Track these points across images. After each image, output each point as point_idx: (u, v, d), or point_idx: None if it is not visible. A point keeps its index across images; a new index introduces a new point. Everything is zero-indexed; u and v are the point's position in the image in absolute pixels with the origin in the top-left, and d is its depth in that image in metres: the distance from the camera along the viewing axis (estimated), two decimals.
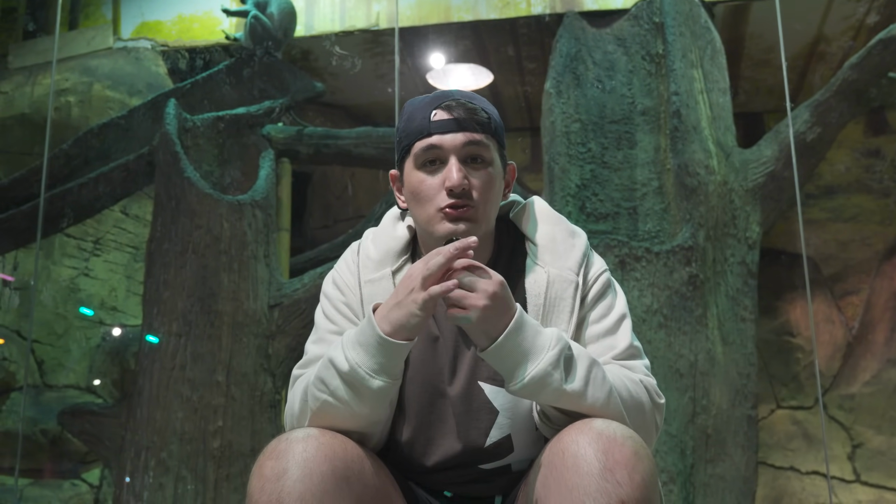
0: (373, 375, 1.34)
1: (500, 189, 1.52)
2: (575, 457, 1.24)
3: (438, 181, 1.45)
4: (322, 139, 4.99)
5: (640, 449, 1.25)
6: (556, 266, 1.50)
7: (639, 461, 1.23)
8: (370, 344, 1.34)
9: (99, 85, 5.31)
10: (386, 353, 1.33)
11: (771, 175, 4.40)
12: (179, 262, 4.21)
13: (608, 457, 1.22)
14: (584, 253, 1.54)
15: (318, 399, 1.39)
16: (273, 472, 1.24)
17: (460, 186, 1.42)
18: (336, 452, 1.28)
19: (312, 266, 4.72)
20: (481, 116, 1.47)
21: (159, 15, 5.44)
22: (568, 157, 4.42)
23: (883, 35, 4.24)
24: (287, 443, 1.27)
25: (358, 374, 1.34)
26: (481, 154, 1.46)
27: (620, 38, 4.61)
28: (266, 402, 4.20)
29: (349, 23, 5.14)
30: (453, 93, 1.50)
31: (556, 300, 1.48)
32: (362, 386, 1.34)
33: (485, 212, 1.46)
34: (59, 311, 5.27)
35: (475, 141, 1.45)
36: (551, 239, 1.54)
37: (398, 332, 1.33)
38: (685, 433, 3.99)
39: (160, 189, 4.40)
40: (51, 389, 5.19)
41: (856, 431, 5.40)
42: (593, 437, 1.25)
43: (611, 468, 1.21)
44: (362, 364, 1.34)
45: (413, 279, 1.33)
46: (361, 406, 1.37)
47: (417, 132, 1.47)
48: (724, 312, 4.23)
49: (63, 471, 5.17)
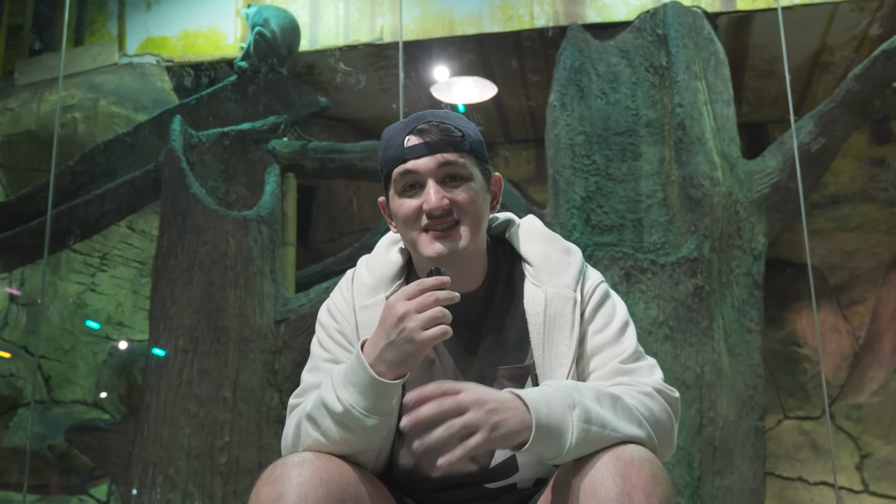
0: (367, 415, 1.34)
1: (486, 202, 1.53)
2: (592, 480, 1.24)
3: (418, 203, 1.47)
4: (327, 153, 5.00)
5: (658, 472, 1.25)
6: (552, 285, 1.52)
7: (656, 484, 1.23)
8: (363, 385, 1.34)
9: (105, 101, 5.33)
10: (379, 393, 1.34)
11: (776, 186, 4.40)
12: (186, 278, 4.22)
13: (626, 480, 1.22)
14: (579, 269, 1.55)
15: (311, 436, 1.41)
16: (269, 497, 1.25)
17: (439, 209, 1.44)
18: (332, 476, 1.28)
19: (318, 280, 4.73)
20: (454, 135, 1.47)
21: (164, 31, 5.47)
22: (573, 169, 4.42)
23: (887, 46, 4.24)
24: (283, 468, 1.28)
25: (352, 414, 1.34)
26: (458, 172, 1.48)
27: (624, 50, 4.62)
28: (273, 418, 4.20)
29: (353, 37, 5.15)
30: (426, 115, 1.51)
31: (555, 318, 1.49)
32: (357, 426, 1.35)
33: (471, 227, 1.47)
34: (66, 326, 5.28)
35: (449, 161, 1.46)
36: (546, 258, 1.55)
37: (394, 371, 1.33)
38: (692, 445, 3.99)
39: (166, 205, 4.42)
40: (58, 405, 5.20)
41: (863, 441, 5.38)
42: (611, 461, 1.25)
43: (628, 492, 1.22)
44: (356, 405, 1.34)
45: (403, 318, 1.31)
46: (354, 443, 1.38)
47: (393, 160, 1.48)
48: (730, 324, 4.23)
49: (71, 486, 5.18)
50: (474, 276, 1.54)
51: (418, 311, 1.31)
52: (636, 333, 1.53)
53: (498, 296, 1.56)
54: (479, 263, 1.55)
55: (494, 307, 1.55)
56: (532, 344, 1.50)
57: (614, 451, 1.26)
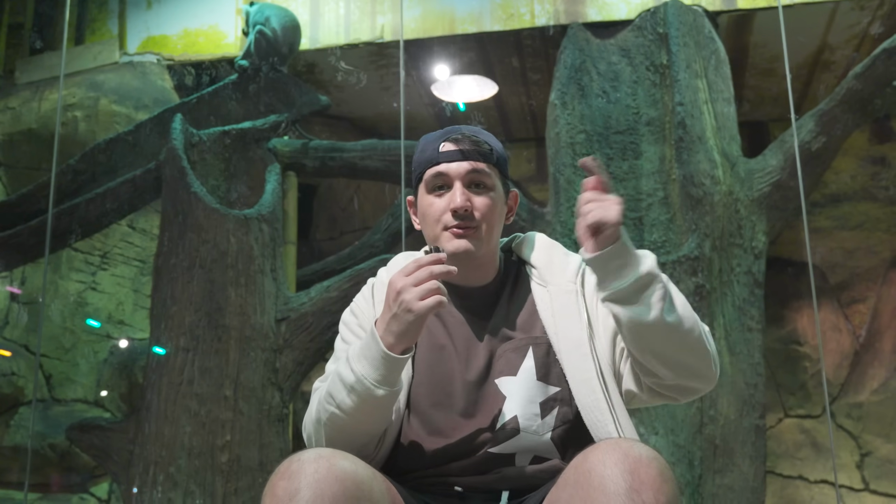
0: (377, 385, 1.47)
1: (502, 213, 1.69)
2: (602, 477, 1.27)
3: (445, 203, 1.63)
4: (328, 152, 5.00)
5: (665, 470, 1.28)
6: (555, 283, 1.65)
7: (664, 482, 1.26)
8: (375, 357, 1.48)
9: (105, 100, 5.33)
10: (389, 365, 1.47)
11: (776, 184, 4.40)
12: (187, 276, 4.22)
13: (634, 477, 1.25)
14: (579, 265, 1.68)
15: (328, 411, 1.53)
16: (285, 492, 1.27)
17: (463, 207, 1.60)
18: (347, 473, 1.30)
19: (319, 279, 4.73)
20: (484, 148, 1.64)
21: (165, 29, 5.47)
22: (573, 168, 4.43)
23: (887, 44, 4.24)
24: (299, 463, 1.30)
25: (364, 384, 1.47)
26: (483, 181, 1.64)
27: (625, 49, 4.62)
28: (274, 416, 4.20)
29: (354, 36, 5.16)
30: (462, 128, 1.68)
31: (562, 310, 1.62)
32: (368, 395, 1.48)
33: (487, 231, 1.63)
34: (66, 325, 5.28)
35: (477, 169, 1.63)
36: (549, 261, 1.70)
37: (401, 343, 1.47)
38: (693, 444, 3.99)
39: (167, 204, 4.42)
40: (59, 404, 5.21)
41: (864, 440, 5.38)
42: (620, 458, 1.28)
43: (637, 488, 1.24)
44: (368, 376, 1.47)
45: (400, 292, 1.46)
46: (365, 415, 1.51)
47: (428, 161, 1.66)
48: (731, 322, 4.23)
49: (72, 485, 5.18)
50: (486, 275, 1.69)
51: (415, 284, 1.45)
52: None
53: (507, 291, 1.69)
54: (491, 265, 1.69)
55: (503, 300, 1.68)
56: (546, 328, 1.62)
57: (623, 448, 1.29)
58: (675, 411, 3.99)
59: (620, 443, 1.31)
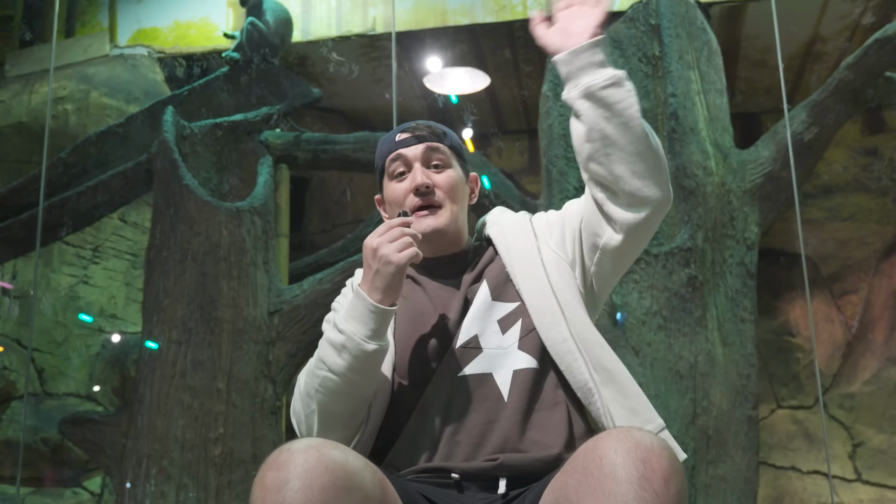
0: (367, 340, 1.53)
1: (464, 191, 1.79)
2: (613, 464, 1.27)
3: (407, 184, 1.72)
4: (320, 144, 4.99)
5: (675, 461, 1.30)
6: (508, 225, 1.77)
7: (674, 473, 1.27)
8: (363, 314, 1.55)
9: (96, 92, 5.31)
10: (377, 317, 1.54)
11: (769, 175, 4.40)
12: (179, 269, 4.21)
13: (646, 466, 1.26)
14: (531, 213, 1.82)
15: (318, 377, 1.58)
16: (275, 482, 1.26)
17: (423, 184, 1.69)
18: (337, 463, 1.29)
19: (312, 271, 4.72)
20: (437, 130, 1.76)
21: (156, 22, 5.45)
22: (566, 159, 4.42)
23: (879, 35, 4.24)
24: (289, 454, 1.29)
25: (354, 340, 1.54)
26: (440, 158, 1.74)
27: (617, 41, 4.61)
28: (267, 409, 4.20)
29: (346, 28, 5.15)
30: (416, 121, 1.80)
31: (515, 238, 1.72)
32: (359, 351, 1.54)
33: (450, 206, 1.72)
34: (58, 319, 5.27)
35: (433, 147, 1.74)
36: (503, 216, 1.82)
37: (386, 296, 1.55)
38: (686, 434, 4.00)
39: (159, 196, 4.40)
40: (51, 398, 5.20)
41: (856, 430, 5.40)
42: (631, 446, 1.28)
43: (648, 477, 1.25)
44: (357, 333, 1.54)
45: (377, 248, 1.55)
46: (356, 373, 1.55)
47: (387, 152, 1.77)
48: (724, 313, 4.24)
49: (64, 479, 5.17)
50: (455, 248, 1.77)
51: (390, 240, 1.55)
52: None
53: (476, 255, 1.78)
54: (460, 240, 1.78)
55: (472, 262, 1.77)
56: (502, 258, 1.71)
57: (634, 437, 1.30)
58: (668, 402, 4.00)
59: (632, 431, 1.31)
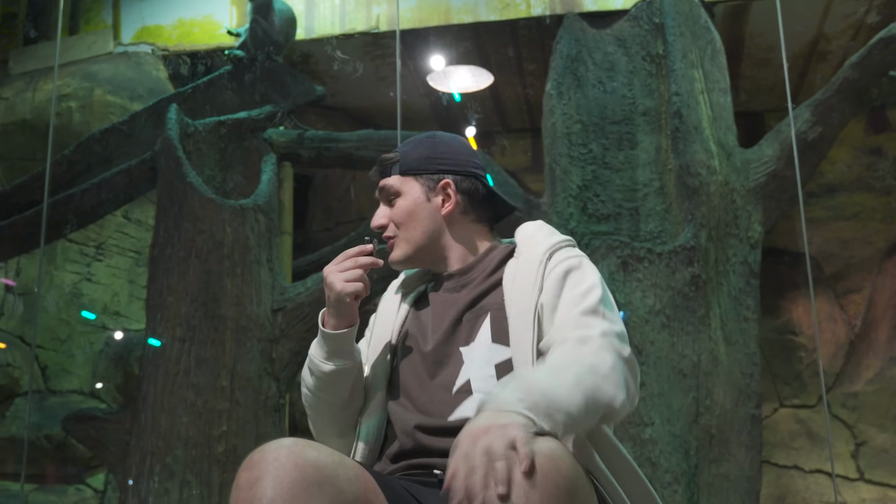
0: (323, 361, 1.70)
1: (425, 210, 1.77)
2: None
3: None
4: (323, 142, 4.99)
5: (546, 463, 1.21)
6: (526, 254, 1.70)
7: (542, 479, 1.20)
8: (320, 337, 1.71)
9: (100, 90, 5.31)
10: (328, 342, 1.69)
11: (772, 174, 4.40)
12: (182, 266, 4.22)
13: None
14: (558, 242, 1.70)
15: (302, 393, 1.80)
16: (247, 481, 1.32)
17: (374, 226, 1.81)
18: (307, 460, 1.33)
19: (315, 269, 4.73)
20: (384, 164, 1.80)
21: (159, 19, 5.45)
22: (569, 158, 4.42)
23: (883, 34, 4.24)
24: (261, 453, 1.35)
25: (314, 362, 1.72)
26: (390, 192, 1.79)
27: (621, 39, 4.61)
28: (270, 407, 4.20)
29: (349, 26, 5.14)
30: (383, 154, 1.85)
31: (522, 278, 1.65)
32: (319, 372, 1.71)
33: (405, 234, 1.77)
34: (62, 316, 5.28)
35: (381, 187, 1.80)
36: (530, 236, 1.76)
37: (334, 320, 1.69)
38: (689, 433, 4.00)
39: (162, 194, 4.41)
40: (55, 395, 5.20)
41: (859, 430, 5.40)
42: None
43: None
44: (315, 355, 1.72)
45: (327, 276, 1.68)
46: (324, 391, 1.72)
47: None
48: (727, 312, 4.23)
49: (68, 476, 5.18)
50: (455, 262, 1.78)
51: (340, 270, 1.68)
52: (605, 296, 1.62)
53: (485, 271, 1.75)
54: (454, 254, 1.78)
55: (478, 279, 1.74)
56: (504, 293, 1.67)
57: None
58: (671, 401, 4.00)
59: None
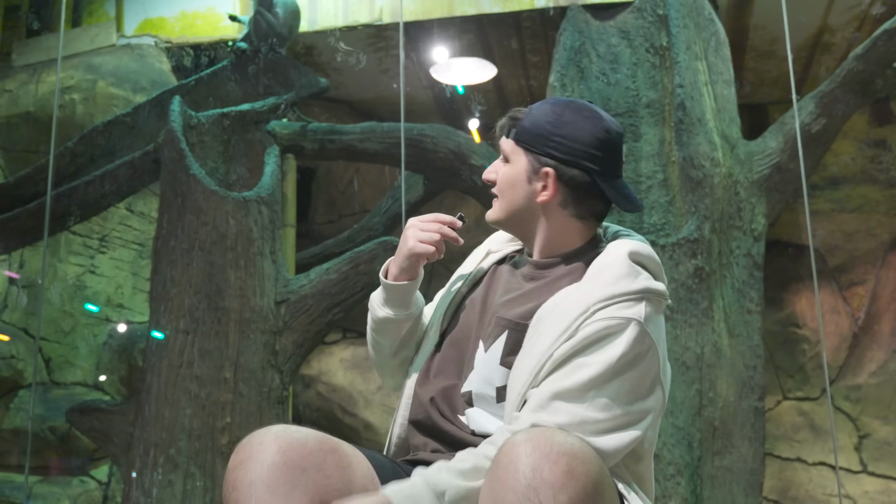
0: (378, 306, 1.74)
1: (522, 186, 1.62)
2: (506, 469, 1.23)
3: None
4: (327, 134, 4.99)
5: (578, 466, 1.21)
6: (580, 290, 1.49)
7: (570, 480, 1.20)
8: (382, 285, 1.74)
9: (103, 82, 5.31)
10: (387, 290, 1.72)
11: (776, 166, 4.39)
12: (186, 258, 4.22)
13: (536, 474, 1.20)
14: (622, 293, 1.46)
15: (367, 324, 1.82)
16: (233, 464, 1.40)
17: (484, 178, 1.72)
18: (292, 446, 1.39)
19: (318, 262, 4.73)
20: (507, 122, 1.68)
21: (162, 11, 5.44)
22: None
23: (888, 25, 4.23)
24: (248, 440, 1.43)
25: (371, 304, 1.77)
26: (504, 153, 1.69)
27: (624, 31, 4.60)
28: (274, 399, 4.21)
29: (352, 18, 5.13)
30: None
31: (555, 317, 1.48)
32: (373, 314, 1.76)
33: (500, 201, 1.67)
34: (65, 308, 5.28)
35: (502, 143, 1.69)
36: (608, 266, 1.52)
37: (395, 271, 1.69)
38: (692, 425, 4.00)
39: (166, 186, 4.41)
40: (59, 387, 5.21)
41: (862, 422, 5.40)
42: (529, 451, 1.22)
43: (536, 486, 1.19)
44: (374, 298, 1.76)
45: (407, 227, 1.67)
46: (378, 332, 1.77)
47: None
48: (730, 304, 4.23)
49: (72, 468, 5.19)
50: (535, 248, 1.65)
51: (421, 228, 1.66)
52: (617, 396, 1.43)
53: (551, 276, 1.61)
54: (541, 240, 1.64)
55: (543, 280, 1.61)
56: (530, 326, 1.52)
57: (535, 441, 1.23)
58: (674, 393, 4.00)
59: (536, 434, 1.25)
